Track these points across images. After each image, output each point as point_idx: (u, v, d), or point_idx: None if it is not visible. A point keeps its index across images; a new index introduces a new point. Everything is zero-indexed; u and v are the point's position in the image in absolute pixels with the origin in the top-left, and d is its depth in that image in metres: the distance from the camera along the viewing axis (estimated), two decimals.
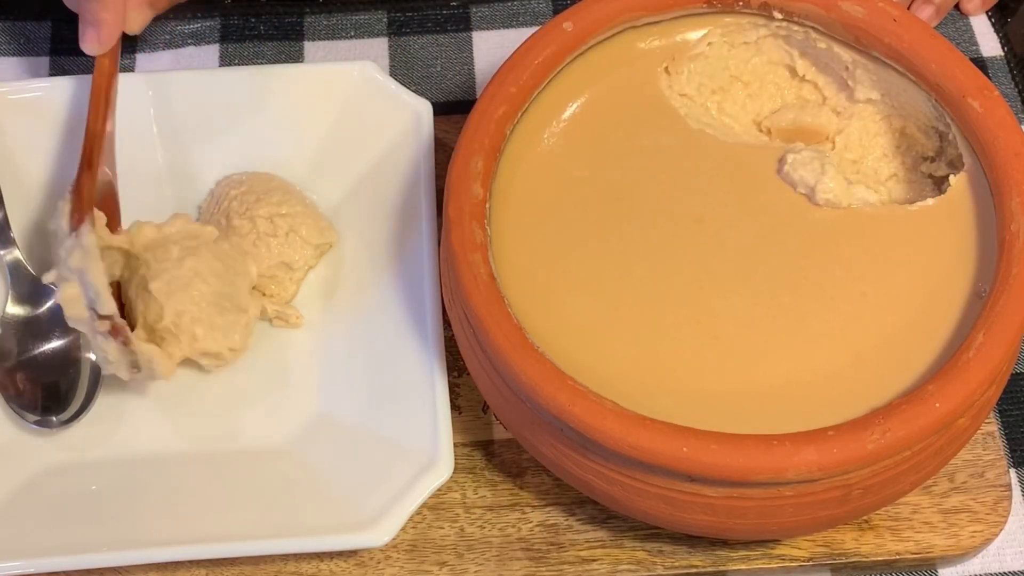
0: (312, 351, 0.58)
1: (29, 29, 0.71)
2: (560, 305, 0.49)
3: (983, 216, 0.49)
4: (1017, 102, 0.68)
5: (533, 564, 0.53)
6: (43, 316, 0.58)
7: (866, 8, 0.52)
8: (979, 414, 0.47)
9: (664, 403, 0.46)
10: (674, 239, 0.50)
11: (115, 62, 0.59)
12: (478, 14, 0.72)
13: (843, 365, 0.47)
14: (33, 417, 0.55)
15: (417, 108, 0.60)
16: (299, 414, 0.56)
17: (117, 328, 0.52)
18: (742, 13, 0.55)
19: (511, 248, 0.50)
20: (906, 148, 0.55)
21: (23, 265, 0.59)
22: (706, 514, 0.46)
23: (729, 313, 0.48)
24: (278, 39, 0.71)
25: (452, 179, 0.50)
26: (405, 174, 0.59)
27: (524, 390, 0.45)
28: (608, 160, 0.52)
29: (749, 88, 0.57)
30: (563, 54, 0.53)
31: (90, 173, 0.55)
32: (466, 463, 0.56)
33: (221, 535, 0.51)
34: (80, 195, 0.53)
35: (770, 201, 0.51)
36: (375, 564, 0.53)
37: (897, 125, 0.55)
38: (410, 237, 0.58)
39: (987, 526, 0.53)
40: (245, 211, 0.59)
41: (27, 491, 0.54)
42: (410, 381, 0.54)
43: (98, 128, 0.56)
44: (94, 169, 0.55)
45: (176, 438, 0.56)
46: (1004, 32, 0.71)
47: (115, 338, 0.52)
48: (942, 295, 0.48)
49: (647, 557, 0.53)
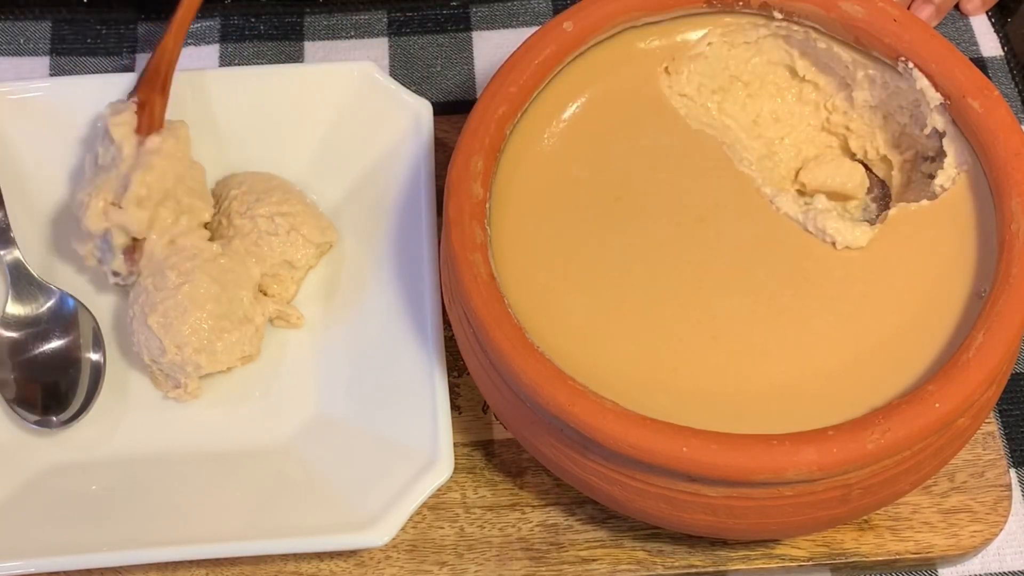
0: (312, 351, 0.58)
1: (29, 29, 0.71)
2: (560, 305, 0.49)
3: (983, 216, 0.49)
4: (1017, 102, 0.68)
5: (533, 564, 0.53)
6: (43, 316, 0.58)
7: (866, 8, 0.52)
8: (979, 414, 0.47)
9: (664, 403, 0.46)
10: (674, 239, 0.50)
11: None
12: (478, 14, 0.72)
13: (843, 365, 0.47)
14: (33, 417, 0.55)
15: (417, 108, 0.60)
16: (299, 414, 0.56)
17: (135, 247, 0.56)
18: (742, 13, 0.55)
19: (511, 248, 0.50)
20: (906, 148, 0.55)
21: (23, 265, 0.59)
22: (706, 514, 0.46)
23: (729, 313, 0.48)
24: (278, 39, 0.71)
25: (452, 179, 0.50)
26: (405, 174, 0.59)
27: (524, 390, 0.45)
28: (608, 160, 0.52)
29: (749, 88, 0.57)
30: (563, 54, 0.53)
31: (163, 96, 0.57)
32: (466, 463, 0.56)
33: (221, 535, 0.51)
34: (152, 113, 0.56)
35: (770, 201, 0.51)
36: (375, 564, 0.53)
37: (897, 125, 0.55)
38: (410, 237, 0.58)
39: (987, 526, 0.53)
40: (246, 210, 0.59)
41: (27, 491, 0.54)
42: (410, 381, 0.54)
43: (174, 55, 0.59)
44: (167, 93, 0.57)
45: (176, 438, 0.56)
46: (1004, 32, 0.71)
47: (128, 256, 0.56)
48: (942, 295, 0.48)
49: (647, 557, 0.53)
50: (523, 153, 0.52)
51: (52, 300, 0.58)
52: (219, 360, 0.56)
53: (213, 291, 0.55)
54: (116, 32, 0.71)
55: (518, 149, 0.52)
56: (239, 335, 0.56)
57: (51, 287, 0.58)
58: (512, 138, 0.52)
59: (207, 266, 0.56)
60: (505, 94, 0.51)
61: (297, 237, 0.59)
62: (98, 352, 0.57)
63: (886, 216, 0.51)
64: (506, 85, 0.51)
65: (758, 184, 0.51)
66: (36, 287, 0.58)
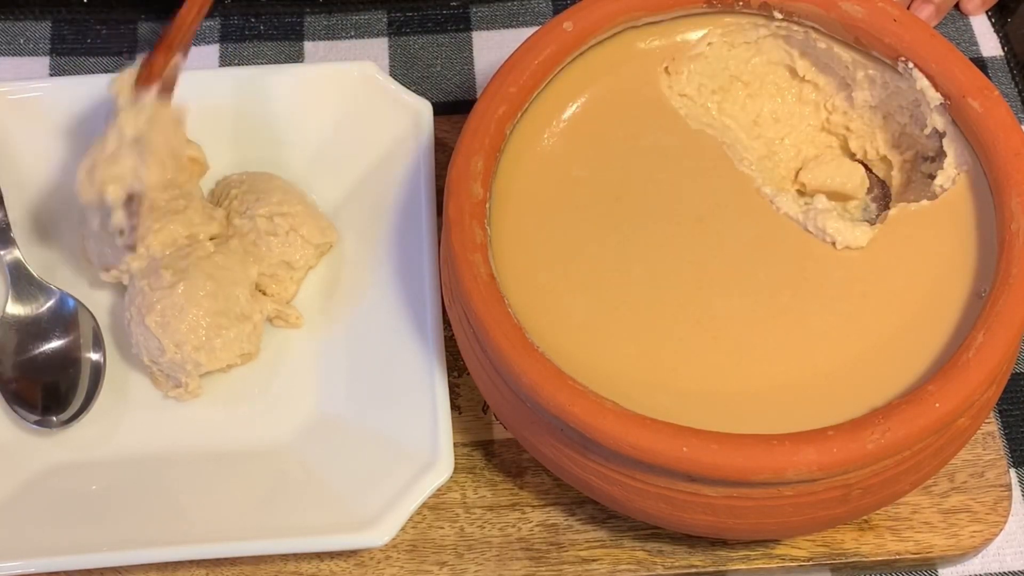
0: (312, 351, 0.58)
1: (29, 29, 0.71)
2: (560, 305, 0.49)
3: (983, 216, 0.49)
4: (1017, 102, 0.68)
5: (533, 564, 0.53)
6: (43, 316, 0.58)
7: (866, 8, 0.52)
8: (979, 414, 0.47)
9: (664, 403, 0.46)
10: (674, 239, 0.50)
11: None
12: (478, 14, 0.72)
13: (843, 365, 0.47)
14: (33, 417, 0.55)
15: (417, 108, 0.60)
16: (299, 414, 0.56)
17: (135, 199, 0.54)
18: (742, 13, 0.55)
19: (511, 248, 0.50)
20: (906, 148, 0.55)
21: (23, 265, 0.59)
22: (706, 514, 0.46)
23: (729, 313, 0.48)
24: (278, 39, 0.71)
25: (452, 179, 0.50)
26: (405, 174, 0.59)
27: (524, 390, 0.45)
28: (608, 160, 0.52)
29: (749, 88, 0.57)
30: (563, 54, 0.53)
31: (166, 53, 0.55)
32: (466, 463, 0.56)
33: (221, 535, 0.51)
34: (151, 68, 0.54)
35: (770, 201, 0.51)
36: (375, 564, 0.53)
37: (897, 125, 0.55)
38: (410, 237, 0.58)
39: (987, 526, 0.53)
40: (245, 210, 0.59)
41: (27, 491, 0.54)
42: (410, 381, 0.54)
43: (188, 19, 0.56)
44: (172, 50, 0.55)
45: (176, 438, 0.56)
46: (1004, 32, 0.71)
47: (127, 208, 0.54)
48: (942, 295, 0.48)
49: (647, 557, 0.53)
50: (523, 153, 0.52)
51: (52, 300, 0.58)
52: (218, 358, 0.56)
53: (209, 288, 0.55)
54: (116, 32, 0.71)
55: (518, 149, 0.52)
56: (237, 332, 0.56)
57: (51, 287, 0.58)
58: (512, 138, 0.52)
59: (202, 263, 0.56)
60: (505, 94, 0.51)
61: (296, 238, 0.59)
62: (98, 352, 0.57)
63: (886, 216, 0.51)
64: (506, 85, 0.51)
65: (758, 184, 0.51)
66: (36, 287, 0.58)
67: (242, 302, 0.56)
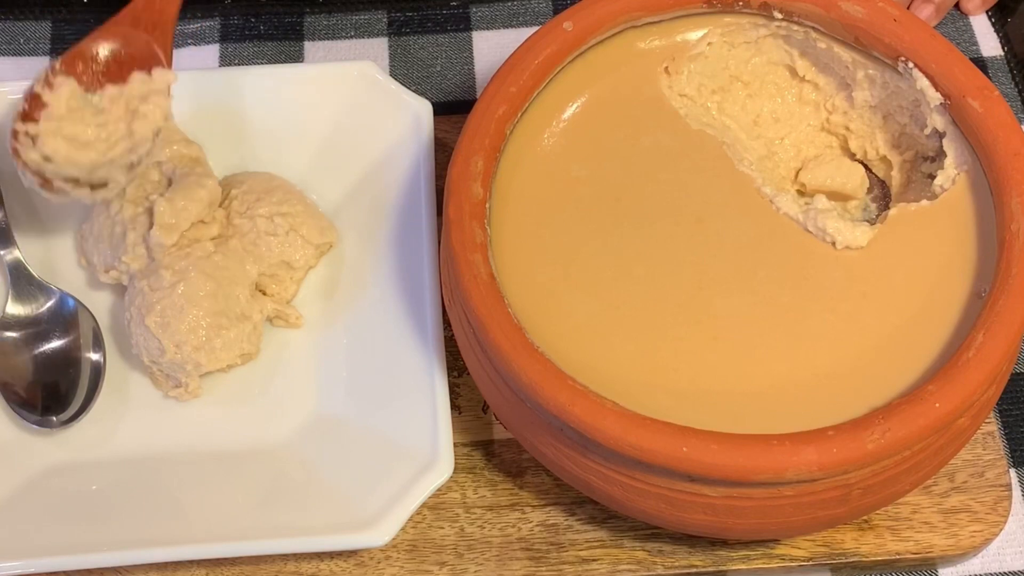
0: (312, 351, 0.58)
1: (29, 29, 0.71)
2: (560, 305, 0.49)
3: (983, 216, 0.49)
4: (1017, 102, 0.68)
5: (533, 564, 0.53)
6: (43, 316, 0.58)
7: (866, 8, 0.52)
8: (979, 414, 0.47)
9: (664, 403, 0.46)
10: (674, 239, 0.50)
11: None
12: (478, 14, 0.72)
13: (843, 365, 0.47)
14: (33, 417, 0.55)
15: (417, 108, 0.60)
16: (299, 414, 0.56)
17: (32, 109, 0.52)
18: (742, 13, 0.55)
19: (511, 248, 0.50)
20: (906, 148, 0.55)
21: (23, 265, 0.59)
22: (706, 514, 0.46)
23: (729, 313, 0.48)
24: (278, 39, 0.71)
25: (452, 179, 0.50)
26: (405, 174, 0.59)
27: (524, 390, 0.45)
28: (608, 160, 0.52)
29: (749, 88, 0.57)
30: (563, 54, 0.53)
31: (112, 29, 0.53)
32: (466, 463, 0.56)
33: (221, 535, 0.51)
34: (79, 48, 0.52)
35: (770, 201, 0.51)
36: (375, 564, 0.53)
37: (897, 125, 0.55)
38: (410, 237, 0.58)
39: (987, 526, 0.53)
40: (245, 210, 0.59)
41: (27, 491, 0.54)
42: (410, 381, 0.54)
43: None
44: (120, 27, 0.54)
45: (176, 438, 0.56)
46: (1004, 32, 0.71)
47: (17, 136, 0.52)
48: (942, 295, 0.48)
49: (647, 557, 0.53)
50: (523, 153, 0.52)
51: (52, 300, 0.58)
52: (218, 357, 0.56)
53: (209, 288, 0.55)
54: None
55: (518, 149, 0.52)
56: (237, 332, 0.56)
57: (51, 287, 0.58)
58: (512, 138, 0.52)
59: (201, 263, 0.56)
60: (505, 94, 0.51)
61: (296, 238, 0.59)
62: (98, 352, 0.57)
63: (886, 216, 0.51)
64: (506, 85, 0.51)
65: (758, 184, 0.51)
66: (36, 287, 0.58)
67: (242, 302, 0.57)
